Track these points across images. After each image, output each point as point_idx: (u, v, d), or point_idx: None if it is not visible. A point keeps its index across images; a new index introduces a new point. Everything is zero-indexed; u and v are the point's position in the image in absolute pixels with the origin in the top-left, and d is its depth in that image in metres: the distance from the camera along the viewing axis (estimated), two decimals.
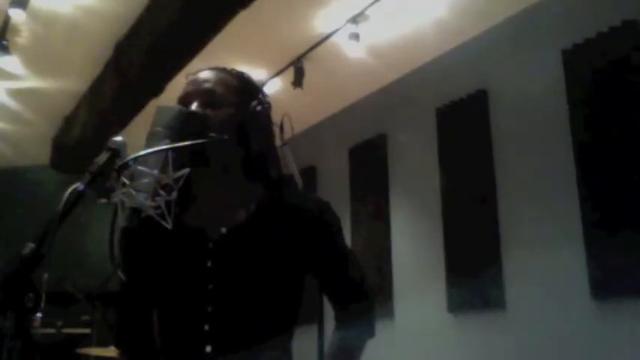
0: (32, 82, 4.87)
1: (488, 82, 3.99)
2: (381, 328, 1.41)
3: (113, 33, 4.29)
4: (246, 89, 1.30)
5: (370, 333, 1.38)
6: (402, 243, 4.54)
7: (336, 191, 5.07)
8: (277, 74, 4.63)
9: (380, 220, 4.68)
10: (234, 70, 1.32)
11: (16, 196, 6.18)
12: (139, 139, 1.10)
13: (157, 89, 4.24)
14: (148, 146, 1.06)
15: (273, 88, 4.61)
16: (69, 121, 5.49)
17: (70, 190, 0.98)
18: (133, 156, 1.03)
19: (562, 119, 3.45)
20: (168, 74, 4.07)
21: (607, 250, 3.12)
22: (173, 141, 1.08)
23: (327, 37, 4.19)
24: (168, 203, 1.06)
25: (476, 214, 3.90)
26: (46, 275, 4.32)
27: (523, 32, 3.83)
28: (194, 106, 1.22)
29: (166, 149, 1.06)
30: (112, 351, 3.80)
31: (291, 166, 1.99)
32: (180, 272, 1.27)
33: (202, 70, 1.31)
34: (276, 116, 1.39)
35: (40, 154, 5.95)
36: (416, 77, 4.61)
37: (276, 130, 1.40)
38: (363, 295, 1.37)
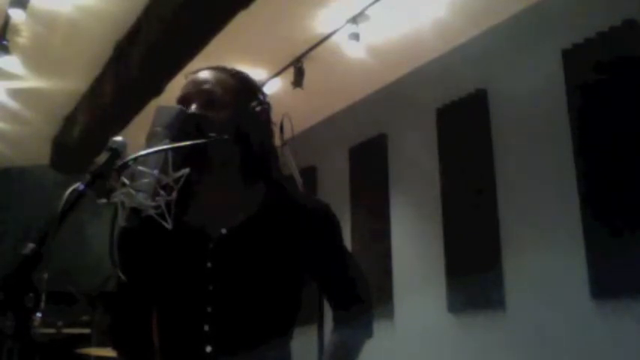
0: (32, 82, 4.87)
1: (488, 82, 3.99)
2: (381, 328, 1.41)
3: (113, 33, 4.29)
4: (245, 90, 1.30)
5: (368, 333, 1.38)
6: (402, 243, 4.54)
7: (336, 191, 5.07)
8: (277, 74, 4.63)
9: (380, 220, 4.68)
10: (234, 70, 1.32)
11: (16, 196, 6.19)
12: (139, 139, 1.10)
13: (157, 89, 4.24)
14: (148, 146, 1.06)
15: (273, 88, 4.61)
16: (69, 121, 5.49)
17: (70, 190, 0.98)
18: (133, 156, 1.03)
19: (562, 119, 3.45)
20: (168, 74, 4.07)
21: (607, 250, 3.12)
22: (173, 141, 1.08)
23: (327, 37, 4.19)
24: (168, 203, 1.06)
25: (476, 214, 3.90)
26: (46, 275, 4.33)
27: (523, 32, 3.83)
28: (193, 107, 1.22)
29: (166, 149, 1.06)
30: (111, 351, 3.80)
31: (291, 166, 1.99)
32: (180, 273, 1.27)
33: (201, 69, 1.30)
34: (276, 116, 1.38)
35: (40, 154, 5.96)
36: (416, 77, 4.61)
37: (276, 130, 1.40)
38: (362, 296, 1.37)
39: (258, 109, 1.28)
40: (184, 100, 1.24)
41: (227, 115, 1.23)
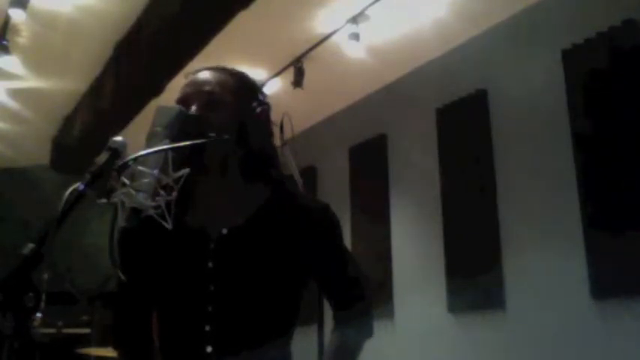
0: (32, 82, 4.87)
1: (488, 82, 3.99)
2: (381, 328, 1.41)
3: (113, 33, 4.29)
4: (245, 90, 1.30)
5: (369, 333, 1.38)
6: (402, 243, 4.54)
7: (336, 191, 5.07)
8: (277, 74, 4.63)
9: (380, 220, 4.68)
10: (234, 70, 1.32)
11: (16, 196, 6.19)
12: (139, 139, 1.10)
13: (157, 89, 4.24)
14: (148, 146, 1.06)
15: (273, 88, 4.61)
16: (69, 121, 5.49)
17: (70, 190, 0.98)
18: (132, 156, 1.03)
19: (562, 119, 3.45)
20: (168, 74, 4.07)
21: (607, 250, 3.12)
22: (173, 141, 1.08)
23: (327, 37, 4.19)
24: (168, 203, 1.06)
25: (476, 214, 3.90)
26: (46, 275, 4.33)
27: (523, 32, 3.83)
28: (193, 108, 1.22)
29: (166, 149, 1.06)
30: (111, 351, 3.80)
31: (291, 166, 1.98)
32: (181, 273, 1.27)
33: (201, 69, 1.30)
34: (276, 116, 1.38)
35: (40, 154, 5.96)
36: (416, 77, 4.61)
37: (276, 130, 1.40)
38: (362, 296, 1.37)
39: (258, 109, 1.29)
40: (184, 100, 1.24)
41: (227, 116, 1.23)
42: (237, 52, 4.26)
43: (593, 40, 3.35)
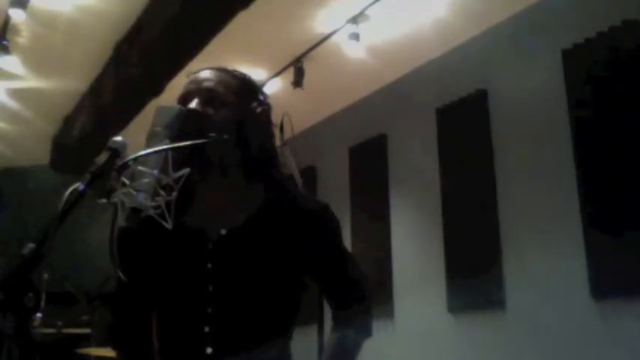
0: (32, 82, 4.87)
1: (488, 82, 3.99)
2: (381, 328, 1.42)
3: (113, 33, 4.29)
4: (246, 90, 1.30)
5: (368, 333, 1.37)
6: (402, 243, 4.54)
7: (336, 191, 5.07)
8: (277, 74, 4.63)
9: (380, 220, 4.68)
10: (235, 70, 1.32)
11: (16, 196, 6.19)
12: (139, 139, 1.10)
13: (157, 89, 4.25)
14: (148, 146, 1.06)
15: (273, 88, 4.61)
16: (69, 121, 5.49)
17: (70, 190, 0.98)
18: (133, 156, 1.03)
19: (562, 119, 3.45)
20: (168, 74, 4.07)
21: (607, 250, 3.12)
22: (173, 141, 1.08)
23: (327, 37, 4.19)
24: (168, 203, 1.06)
25: (476, 214, 3.90)
26: (46, 275, 4.33)
27: (523, 32, 3.83)
28: (194, 104, 1.22)
29: (166, 149, 1.06)
30: (111, 351, 3.79)
31: (291, 166, 1.99)
32: (180, 273, 1.27)
33: (203, 69, 1.31)
34: (276, 116, 1.39)
35: (40, 154, 5.96)
36: (416, 77, 4.61)
37: (276, 130, 1.40)
38: (361, 297, 1.37)
39: (258, 109, 1.29)
40: (185, 98, 1.25)
41: (227, 114, 1.23)
42: (237, 52, 4.26)
43: (593, 40, 3.35)
